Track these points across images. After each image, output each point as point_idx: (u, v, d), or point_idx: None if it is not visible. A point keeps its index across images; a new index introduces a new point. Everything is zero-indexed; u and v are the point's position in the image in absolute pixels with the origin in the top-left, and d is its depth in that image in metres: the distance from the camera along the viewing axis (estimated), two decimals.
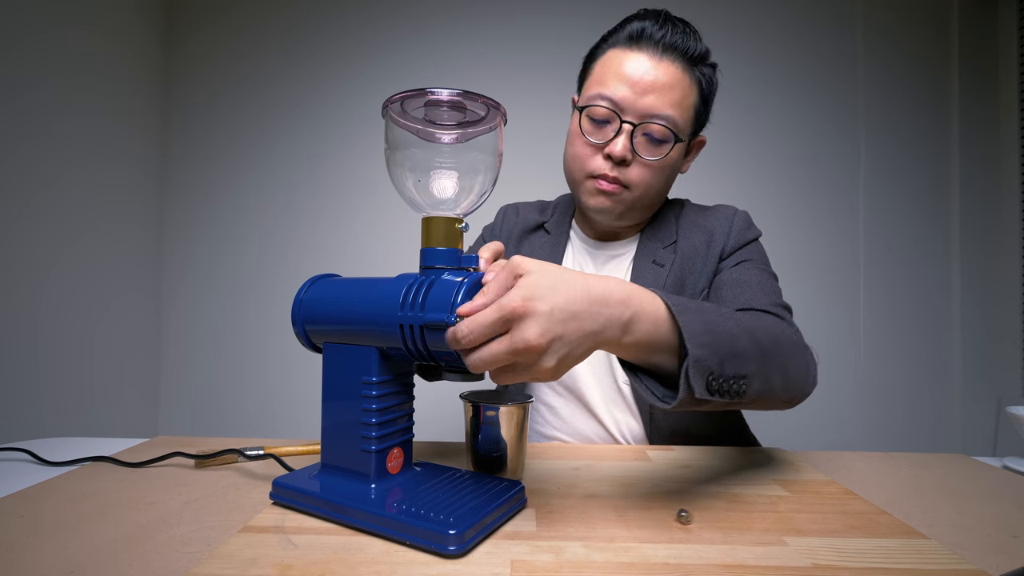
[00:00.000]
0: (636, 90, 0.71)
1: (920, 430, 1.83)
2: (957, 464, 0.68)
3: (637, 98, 0.71)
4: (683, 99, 0.73)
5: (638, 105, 0.72)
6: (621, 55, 0.74)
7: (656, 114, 0.72)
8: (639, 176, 0.75)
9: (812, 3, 1.88)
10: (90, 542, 0.43)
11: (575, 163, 0.79)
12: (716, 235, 0.81)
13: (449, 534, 0.41)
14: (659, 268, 0.80)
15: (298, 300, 0.54)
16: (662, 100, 0.71)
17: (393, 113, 0.52)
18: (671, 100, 0.72)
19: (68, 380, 1.57)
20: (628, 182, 0.75)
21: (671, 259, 0.80)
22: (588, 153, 0.76)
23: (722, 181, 1.88)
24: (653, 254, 0.81)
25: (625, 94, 0.72)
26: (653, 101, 0.71)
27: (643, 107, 0.71)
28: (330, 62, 1.95)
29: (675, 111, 0.72)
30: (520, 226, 0.93)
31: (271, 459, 0.66)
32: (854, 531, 0.46)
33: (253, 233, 1.97)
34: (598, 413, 0.81)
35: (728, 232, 0.80)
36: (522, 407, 0.58)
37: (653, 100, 0.71)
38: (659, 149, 0.74)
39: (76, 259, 1.59)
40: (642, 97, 0.71)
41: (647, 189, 0.76)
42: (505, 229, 0.95)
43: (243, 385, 1.96)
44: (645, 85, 0.71)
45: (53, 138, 1.50)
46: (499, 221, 0.98)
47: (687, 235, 0.82)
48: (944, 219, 1.86)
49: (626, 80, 0.72)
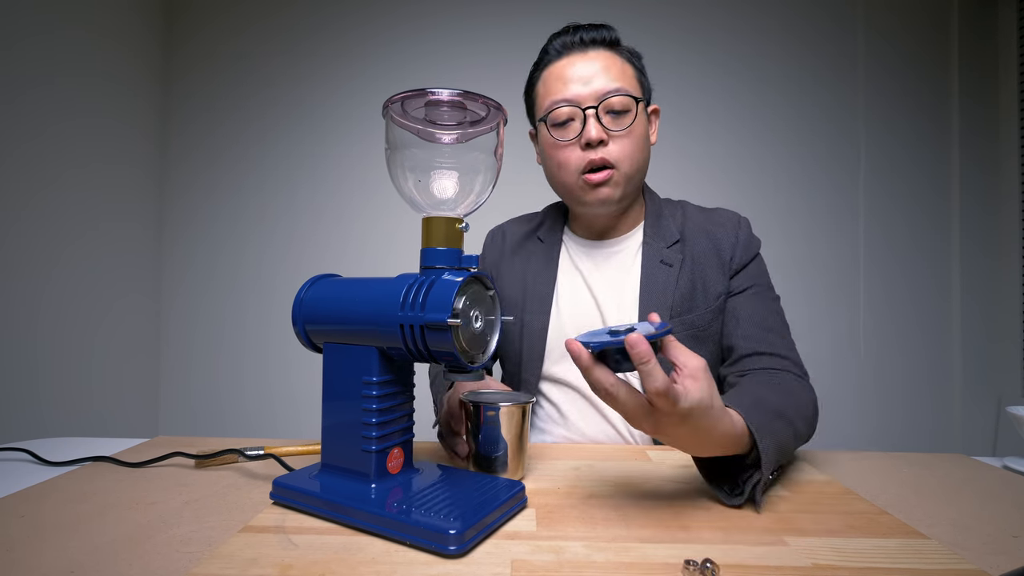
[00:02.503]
0: (583, 82, 0.78)
1: (920, 430, 1.83)
2: (957, 464, 0.68)
3: (586, 86, 0.78)
4: (623, 72, 0.79)
5: (590, 91, 0.77)
6: (556, 68, 0.81)
7: (609, 89, 0.77)
8: (620, 150, 0.78)
9: (813, 4, 1.88)
10: (90, 542, 0.43)
11: (561, 170, 0.81)
12: (723, 244, 0.83)
13: (449, 534, 0.41)
14: (668, 268, 0.82)
15: (298, 300, 0.54)
16: (607, 77, 0.78)
17: (394, 113, 0.52)
18: (615, 75, 0.78)
19: (68, 380, 1.57)
20: (613, 160, 0.78)
21: (679, 259, 0.82)
22: (568, 154, 0.80)
23: (722, 181, 1.88)
24: (659, 254, 0.83)
25: (577, 89, 0.78)
26: (601, 82, 0.77)
27: (595, 90, 0.77)
28: (330, 62, 1.95)
29: (622, 82, 0.78)
30: (510, 243, 0.96)
31: (271, 459, 0.66)
32: (854, 531, 0.46)
33: (253, 233, 1.97)
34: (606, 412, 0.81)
35: (735, 243, 0.83)
36: (522, 407, 0.58)
37: (600, 81, 0.77)
38: (626, 117, 0.78)
39: (76, 259, 1.59)
40: (590, 84, 0.78)
41: (632, 160, 0.79)
42: (494, 252, 0.97)
43: (243, 385, 1.96)
44: (588, 74, 0.78)
45: (53, 138, 1.50)
46: (487, 247, 1.00)
47: (695, 238, 0.84)
48: (944, 219, 1.86)
49: (570, 79, 0.79)
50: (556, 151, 0.80)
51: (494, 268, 0.96)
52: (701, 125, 1.89)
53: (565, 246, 0.90)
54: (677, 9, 1.90)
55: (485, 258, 0.99)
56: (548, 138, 0.81)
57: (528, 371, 0.86)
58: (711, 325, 0.80)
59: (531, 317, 0.86)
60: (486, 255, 0.99)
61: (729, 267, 0.82)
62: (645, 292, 0.81)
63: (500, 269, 0.94)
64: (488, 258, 0.98)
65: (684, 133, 1.88)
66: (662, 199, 0.90)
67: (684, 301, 0.80)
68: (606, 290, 0.84)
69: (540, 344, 0.85)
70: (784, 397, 0.63)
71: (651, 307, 0.80)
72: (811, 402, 0.69)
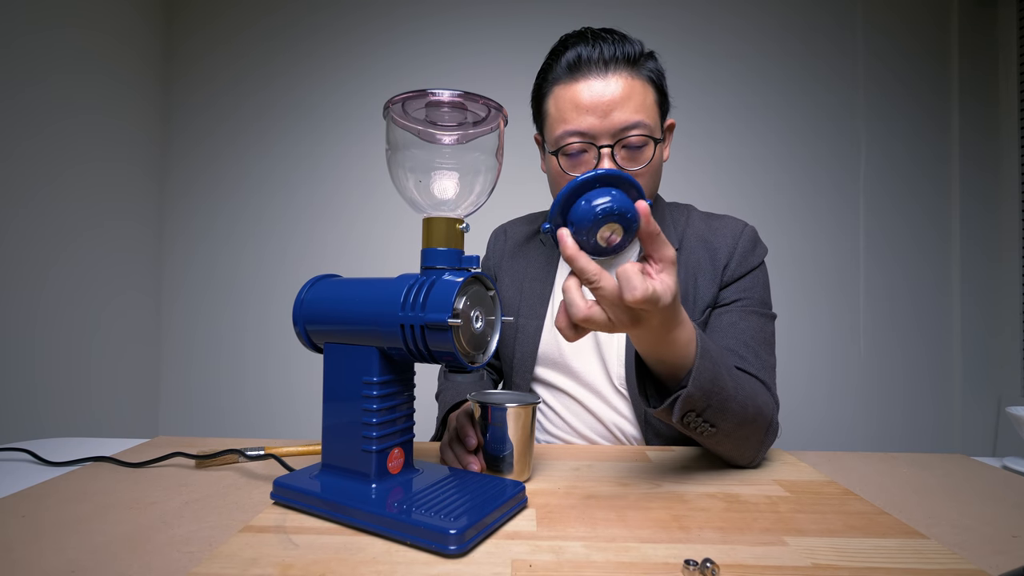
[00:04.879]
0: (598, 114, 0.71)
1: (920, 430, 1.83)
2: (957, 464, 0.68)
3: (603, 120, 0.71)
4: (644, 101, 0.73)
5: (607, 125, 0.72)
6: (570, 88, 0.73)
7: (627, 125, 0.72)
8: None
9: (813, 3, 1.88)
10: (90, 542, 0.43)
11: None
12: (720, 254, 0.80)
13: (449, 534, 0.41)
14: None
15: (299, 300, 0.54)
16: (626, 111, 0.71)
17: (394, 114, 0.52)
18: (634, 107, 0.72)
19: (68, 380, 1.57)
20: None
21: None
22: None
23: (723, 181, 1.88)
24: None
25: (591, 122, 0.72)
26: (619, 116, 0.71)
27: (612, 125, 0.71)
28: (330, 62, 1.95)
29: (642, 115, 0.72)
30: (511, 243, 0.95)
31: (272, 459, 0.66)
32: (854, 531, 0.46)
33: (253, 232, 1.97)
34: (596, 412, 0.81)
35: (731, 253, 0.79)
36: (530, 408, 0.58)
37: (618, 115, 0.71)
38: (642, 155, 0.73)
39: (76, 259, 1.59)
40: (607, 117, 0.71)
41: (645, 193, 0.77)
42: (496, 252, 0.97)
43: (243, 385, 1.96)
44: (604, 105, 0.71)
45: (52, 137, 1.50)
46: (490, 247, 0.99)
47: (691, 247, 0.81)
48: (944, 219, 1.86)
49: (585, 108, 0.72)
50: (565, 180, 0.77)
51: (496, 268, 0.95)
52: (701, 125, 1.89)
53: None
54: (677, 9, 1.90)
55: (489, 258, 0.98)
56: (557, 167, 0.77)
57: (520, 374, 0.86)
58: None
59: (526, 320, 0.86)
60: (489, 255, 0.98)
61: (721, 277, 0.79)
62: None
63: (501, 269, 0.94)
64: (491, 258, 0.97)
65: (684, 133, 1.87)
66: (668, 204, 0.88)
67: None
68: None
69: (533, 347, 0.85)
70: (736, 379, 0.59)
71: None
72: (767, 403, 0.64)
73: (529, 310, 0.87)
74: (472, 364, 0.48)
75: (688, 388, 0.52)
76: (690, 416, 0.55)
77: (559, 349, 0.84)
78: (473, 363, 0.49)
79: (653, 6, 1.89)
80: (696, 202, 0.94)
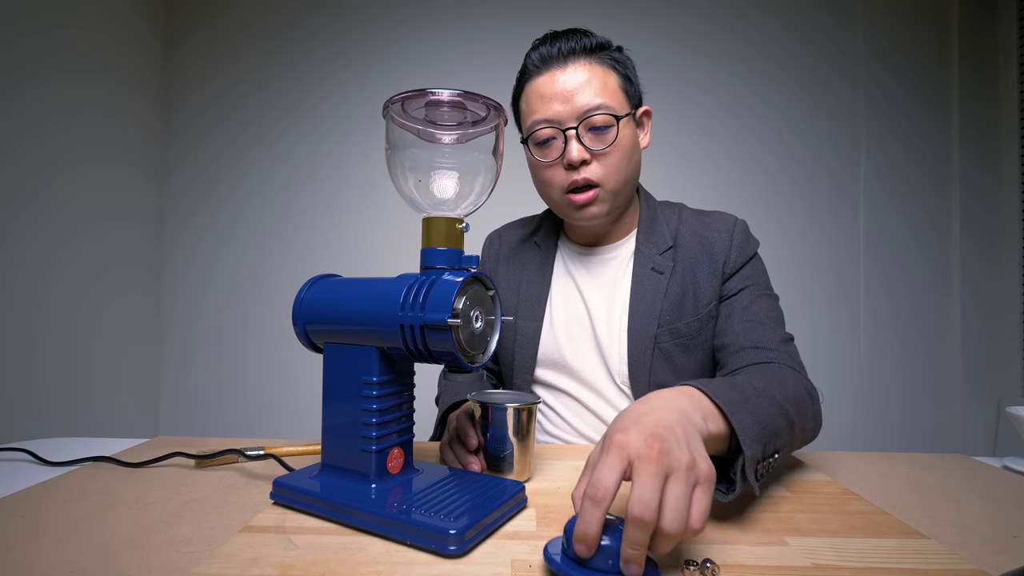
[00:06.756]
0: (561, 100, 0.76)
1: (920, 430, 1.83)
2: (957, 464, 0.68)
3: (566, 104, 0.75)
4: (605, 85, 0.76)
5: (570, 110, 0.75)
6: (536, 83, 0.79)
7: (588, 107, 0.75)
8: (604, 168, 0.77)
9: (813, 3, 1.88)
10: (90, 542, 0.43)
11: (546, 188, 0.82)
12: (716, 248, 0.81)
13: (449, 534, 0.41)
14: (659, 275, 0.81)
15: (299, 300, 0.54)
16: (587, 94, 0.75)
17: (394, 114, 0.52)
18: (595, 90, 0.75)
19: (68, 380, 1.57)
20: (597, 179, 0.77)
21: (669, 267, 0.81)
22: (552, 174, 0.79)
23: (722, 181, 1.88)
24: (651, 261, 0.82)
25: (556, 109, 0.76)
26: (581, 99, 0.75)
27: (574, 109, 0.75)
28: (329, 62, 1.95)
29: (603, 97, 0.75)
30: (506, 247, 0.96)
31: (271, 459, 0.66)
32: (854, 531, 0.46)
33: (253, 233, 1.97)
34: (598, 412, 0.82)
35: (729, 246, 0.81)
36: (529, 408, 0.58)
37: (580, 98, 0.75)
38: (607, 135, 0.76)
39: (76, 259, 1.59)
40: (569, 102, 0.75)
41: (617, 175, 0.78)
42: (491, 257, 0.98)
43: (243, 385, 1.96)
44: (567, 92, 0.76)
45: (53, 137, 1.50)
46: (484, 252, 1.00)
47: (687, 244, 0.83)
48: (944, 219, 1.86)
49: (549, 97, 0.76)
50: (540, 171, 0.80)
51: (491, 272, 0.96)
52: (701, 124, 1.89)
53: (560, 252, 0.91)
54: (677, 9, 1.90)
55: (484, 262, 0.99)
56: (531, 158, 0.81)
57: (520, 376, 0.87)
58: (699, 334, 0.79)
59: (524, 322, 0.87)
60: (484, 260, 0.99)
61: (722, 272, 0.81)
62: (634, 300, 0.80)
63: (496, 273, 0.95)
64: (486, 263, 0.98)
65: (684, 132, 1.88)
66: (659, 202, 0.90)
67: (673, 309, 0.79)
68: (597, 298, 0.84)
69: (532, 349, 0.86)
70: (766, 380, 0.58)
71: (640, 315, 0.79)
72: (802, 388, 0.63)
73: (527, 312, 0.87)
74: (472, 364, 0.48)
75: (745, 452, 0.47)
76: (760, 470, 0.49)
77: (559, 350, 0.84)
78: (473, 363, 0.49)
79: (653, 6, 1.89)
80: (696, 202, 0.94)
